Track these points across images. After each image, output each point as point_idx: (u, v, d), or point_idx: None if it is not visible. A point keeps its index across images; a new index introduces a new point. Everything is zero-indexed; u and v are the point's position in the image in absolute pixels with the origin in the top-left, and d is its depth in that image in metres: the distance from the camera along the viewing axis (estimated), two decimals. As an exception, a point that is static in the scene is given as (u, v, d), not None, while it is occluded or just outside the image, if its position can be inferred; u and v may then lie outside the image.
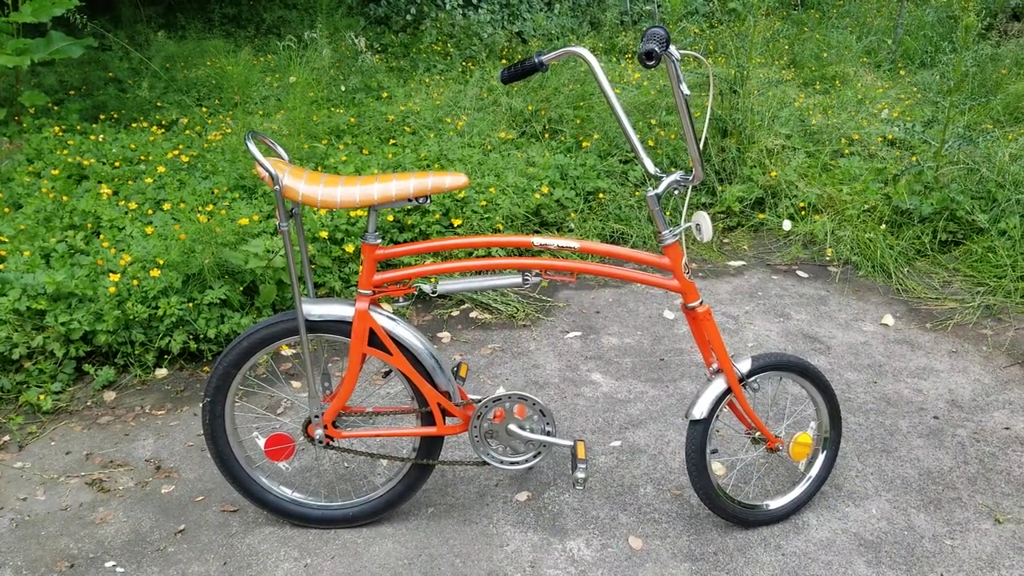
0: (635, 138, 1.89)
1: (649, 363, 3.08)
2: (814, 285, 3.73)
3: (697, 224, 2.02)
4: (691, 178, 1.98)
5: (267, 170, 1.85)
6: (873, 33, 7.18)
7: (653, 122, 4.67)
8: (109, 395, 2.87)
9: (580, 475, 2.08)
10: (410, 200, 1.93)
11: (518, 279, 2.02)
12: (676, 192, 2.01)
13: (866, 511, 2.32)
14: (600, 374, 3.01)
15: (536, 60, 1.93)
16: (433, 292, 2.02)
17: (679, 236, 2.02)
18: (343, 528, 2.24)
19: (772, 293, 3.65)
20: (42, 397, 2.77)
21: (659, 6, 7.71)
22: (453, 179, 1.94)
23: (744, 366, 2.12)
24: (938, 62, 6.17)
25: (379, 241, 1.98)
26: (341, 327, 2.04)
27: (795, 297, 3.61)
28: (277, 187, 1.86)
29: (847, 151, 4.65)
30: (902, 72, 6.47)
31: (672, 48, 1.78)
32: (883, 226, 3.92)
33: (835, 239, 3.98)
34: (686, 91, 1.81)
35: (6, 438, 2.64)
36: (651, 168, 1.93)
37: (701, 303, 2.06)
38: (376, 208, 1.94)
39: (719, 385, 2.11)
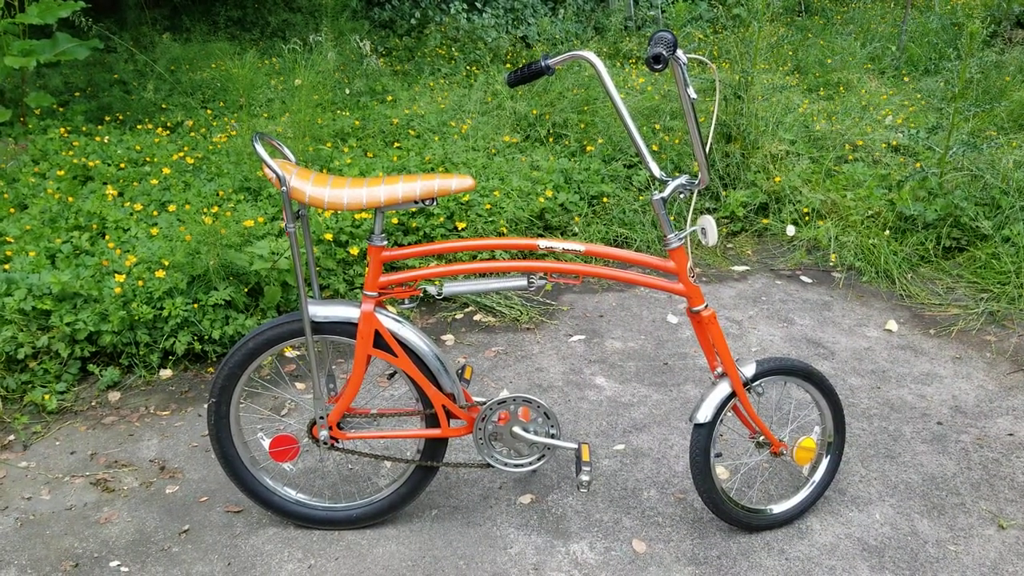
0: (641, 142, 1.89)
1: (653, 367, 3.08)
2: (818, 290, 3.73)
3: (702, 228, 2.03)
4: (697, 182, 1.99)
5: (274, 171, 1.86)
6: (877, 40, 7.19)
7: (657, 127, 4.68)
8: (114, 395, 2.88)
9: (584, 478, 2.08)
10: (416, 202, 1.94)
11: (523, 282, 2.02)
12: (682, 196, 2.01)
13: (870, 516, 2.32)
14: (604, 378, 3.01)
15: (543, 64, 1.93)
16: (438, 294, 2.02)
17: (684, 240, 2.02)
18: (347, 530, 2.24)
19: (776, 298, 3.65)
20: (47, 397, 2.78)
21: (663, 11, 7.72)
22: (459, 182, 1.95)
23: (748, 370, 2.12)
24: (942, 69, 6.18)
25: (385, 243, 1.99)
26: (346, 329, 2.04)
27: (799, 302, 3.61)
28: (284, 188, 1.86)
29: (851, 157, 4.66)
30: (906, 79, 6.48)
31: (679, 52, 1.79)
32: (887, 232, 3.92)
33: (839, 245, 3.98)
34: (693, 95, 1.81)
35: (11, 438, 2.65)
36: (657, 172, 1.94)
37: (706, 307, 2.06)
38: (382, 210, 1.95)
39: (723, 389, 2.11)
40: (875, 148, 4.76)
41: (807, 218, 4.20)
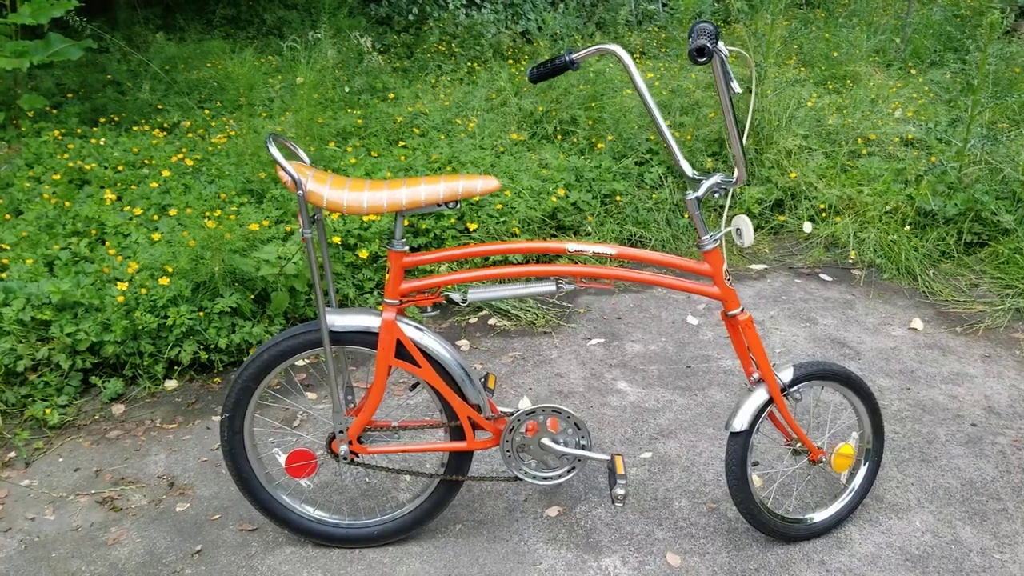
0: (671, 140, 1.80)
1: (676, 371, 2.99)
2: (839, 288, 3.64)
3: (738, 228, 1.94)
4: (733, 180, 1.90)
5: (290, 174, 1.76)
6: (881, 32, 7.10)
7: (667, 123, 4.58)
8: (118, 408, 2.76)
9: (620, 491, 1.98)
10: (439, 205, 1.84)
11: (551, 287, 1.93)
12: (716, 195, 1.92)
13: (910, 524, 2.24)
14: (626, 382, 2.91)
15: (567, 58, 1.84)
16: (463, 302, 1.93)
17: (719, 241, 1.93)
18: (368, 547, 2.14)
19: (796, 297, 3.55)
20: (48, 411, 2.66)
21: (664, 5, 7.63)
22: (484, 183, 1.85)
23: (786, 375, 2.03)
24: (948, 61, 6.09)
25: (406, 248, 1.89)
26: (366, 338, 1.94)
27: (820, 301, 3.52)
28: (300, 192, 1.76)
29: (864, 151, 4.57)
30: (912, 71, 6.40)
31: (720, 44, 1.69)
32: (907, 227, 3.84)
33: (858, 241, 3.89)
34: (737, 89, 1.72)
35: (12, 455, 2.54)
36: (689, 171, 1.85)
37: (742, 310, 1.97)
38: (403, 214, 1.85)
39: (760, 395, 2.02)
40: (888, 142, 4.67)
41: (824, 214, 4.11)
